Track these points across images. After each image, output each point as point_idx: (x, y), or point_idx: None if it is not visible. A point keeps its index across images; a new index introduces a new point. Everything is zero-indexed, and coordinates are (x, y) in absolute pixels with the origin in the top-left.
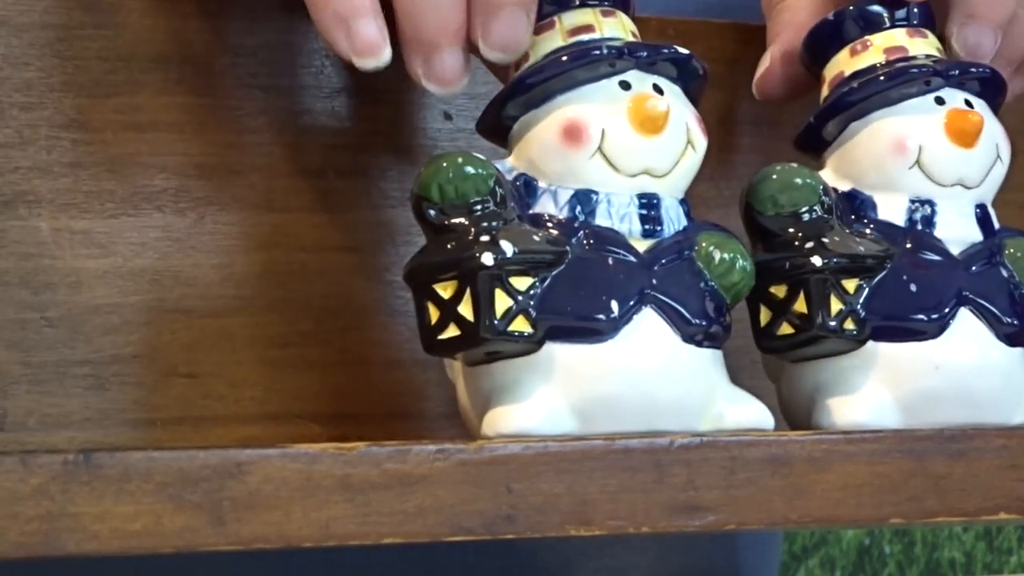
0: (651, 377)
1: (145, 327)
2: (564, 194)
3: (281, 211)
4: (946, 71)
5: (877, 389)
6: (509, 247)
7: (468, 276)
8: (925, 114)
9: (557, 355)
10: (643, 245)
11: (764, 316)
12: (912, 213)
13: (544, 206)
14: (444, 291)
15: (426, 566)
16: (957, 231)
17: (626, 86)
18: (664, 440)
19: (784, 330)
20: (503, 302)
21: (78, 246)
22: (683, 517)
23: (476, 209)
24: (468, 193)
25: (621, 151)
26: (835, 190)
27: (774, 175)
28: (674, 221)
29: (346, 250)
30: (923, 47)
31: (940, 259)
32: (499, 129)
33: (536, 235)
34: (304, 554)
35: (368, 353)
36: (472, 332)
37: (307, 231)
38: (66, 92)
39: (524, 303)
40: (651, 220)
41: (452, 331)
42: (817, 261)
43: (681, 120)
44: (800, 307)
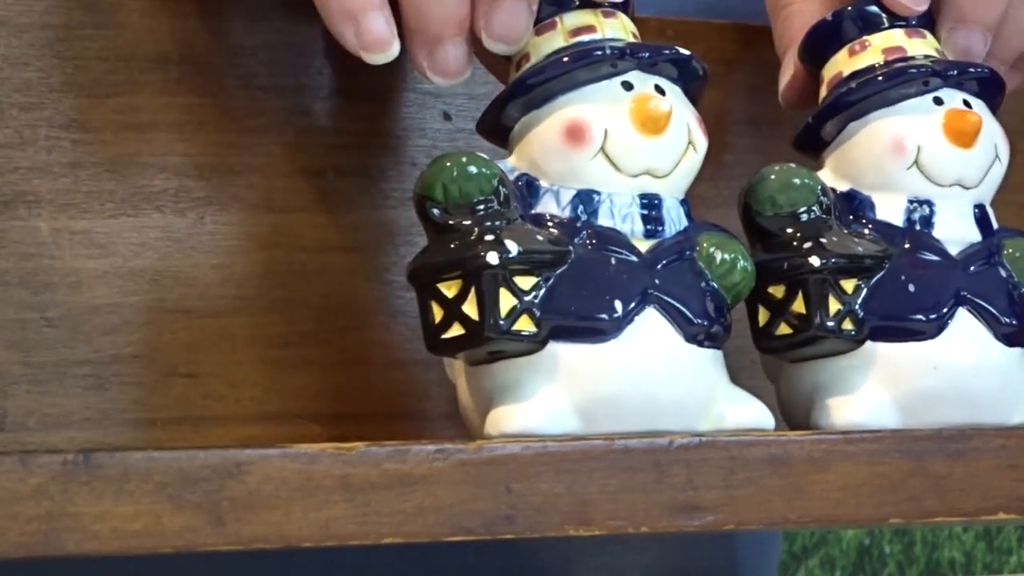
0: (653, 377)
1: (145, 327)
2: (566, 194)
3: (281, 211)
4: (944, 71)
5: (876, 389)
6: (513, 246)
7: (473, 275)
8: (923, 114)
9: (560, 355)
10: (645, 245)
11: (762, 316)
12: (910, 213)
13: (546, 206)
14: (448, 290)
15: (425, 565)
16: (956, 231)
17: (628, 87)
18: (664, 440)
19: (782, 330)
20: (507, 301)
21: (78, 246)
22: (683, 517)
23: (480, 209)
24: (472, 193)
25: (623, 151)
26: (833, 190)
27: (773, 175)
28: (675, 221)
29: (346, 250)
30: (921, 47)
31: (938, 259)
32: (500, 130)
33: (539, 234)
34: (304, 554)
35: (368, 353)
36: (477, 331)
37: (307, 231)
38: (66, 92)
39: (528, 302)
40: (653, 220)
41: (456, 330)
42: (815, 261)
43: (682, 120)
44: (798, 307)
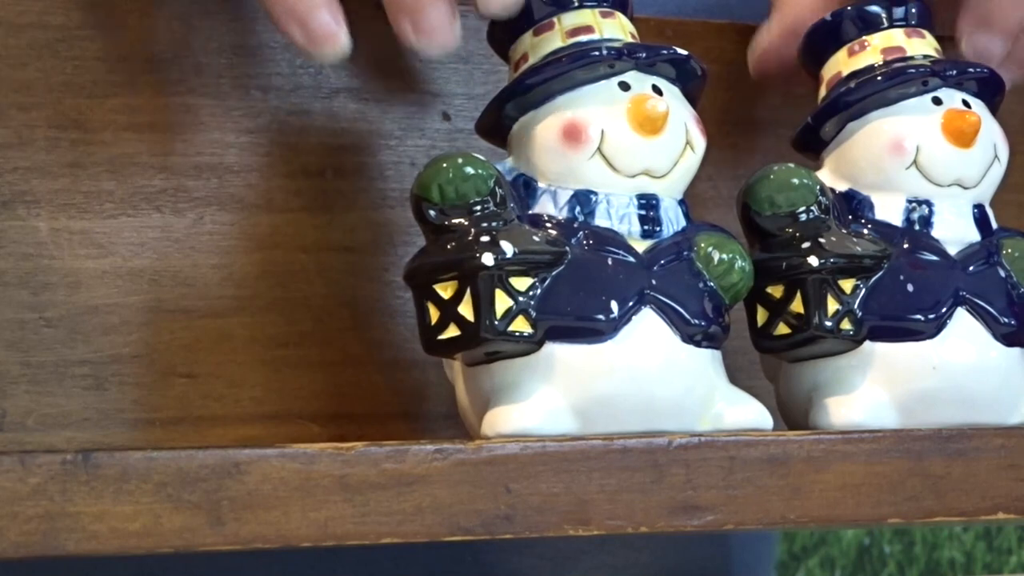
0: (650, 377)
1: (144, 327)
2: (564, 195)
3: (280, 211)
4: (944, 71)
5: (874, 389)
6: (509, 247)
7: (468, 276)
8: (923, 114)
9: (557, 355)
10: (642, 246)
11: (761, 316)
12: (909, 213)
13: (543, 206)
14: (444, 291)
15: (423, 562)
16: (955, 231)
17: (625, 87)
18: (662, 440)
19: (781, 330)
20: (503, 302)
21: (77, 246)
22: (682, 517)
23: (476, 209)
24: (468, 193)
25: (621, 152)
26: (832, 190)
27: (771, 175)
28: (673, 222)
29: (346, 250)
30: (921, 47)
31: (937, 259)
32: (498, 130)
33: (536, 235)
34: (303, 554)
35: (368, 353)
36: (472, 332)
37: (306, 231)
38: (65, 92)
39: (524, 303)
40: (650, 221)
41: (452, 331)
42: (814, 261)
43: (680, 121)
44: (797, 307)
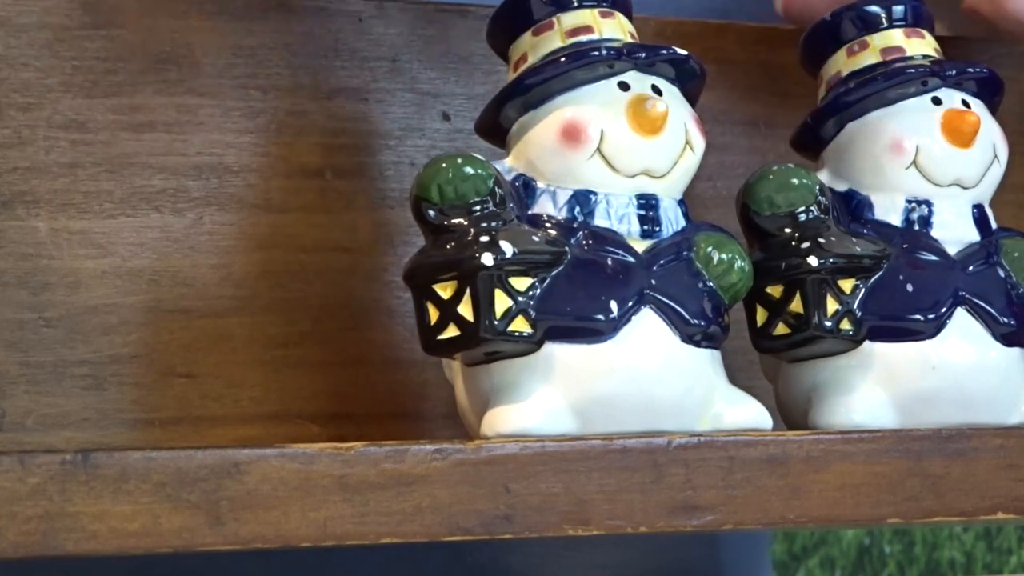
0: (650, 377)
1: (143, 327)
2: (563, 195)
3: (279, 211)
4: (943, 71)
5: (874, 389)
6: (509, 247)
7: (468, 276)
8: (922, 114)
9: (556, 355)
10: (642, 246)
11: (760, 316)
12: (909, 213)
13: (543, 207)
14: (444, 291)
15: (422, 561)
16: (954, 231)
17: (625, 87)
18: (662, 440)
19: (780, 330)
20: (503, 302)
21: (76, 246)
22: (681, 517)
23: (475, 210)
24: (467, 194)
25: (620, 152)
26: (832, 190)
27: (771, 175)
28: (672, 222)
29: (345, 250)
30: (920, 47)
31: (937, 259)
32: (497, 130)
33: (535, 235)
34: (302, 553)
35: (367, 353)
36: (472, 332)
37: (305, 231)
38: (65, 92)
39: (524, 303)
40: (650, 221)
41: (452, 331)
42: (813, 261)
43: (679, 121)
44: (796, 307)
